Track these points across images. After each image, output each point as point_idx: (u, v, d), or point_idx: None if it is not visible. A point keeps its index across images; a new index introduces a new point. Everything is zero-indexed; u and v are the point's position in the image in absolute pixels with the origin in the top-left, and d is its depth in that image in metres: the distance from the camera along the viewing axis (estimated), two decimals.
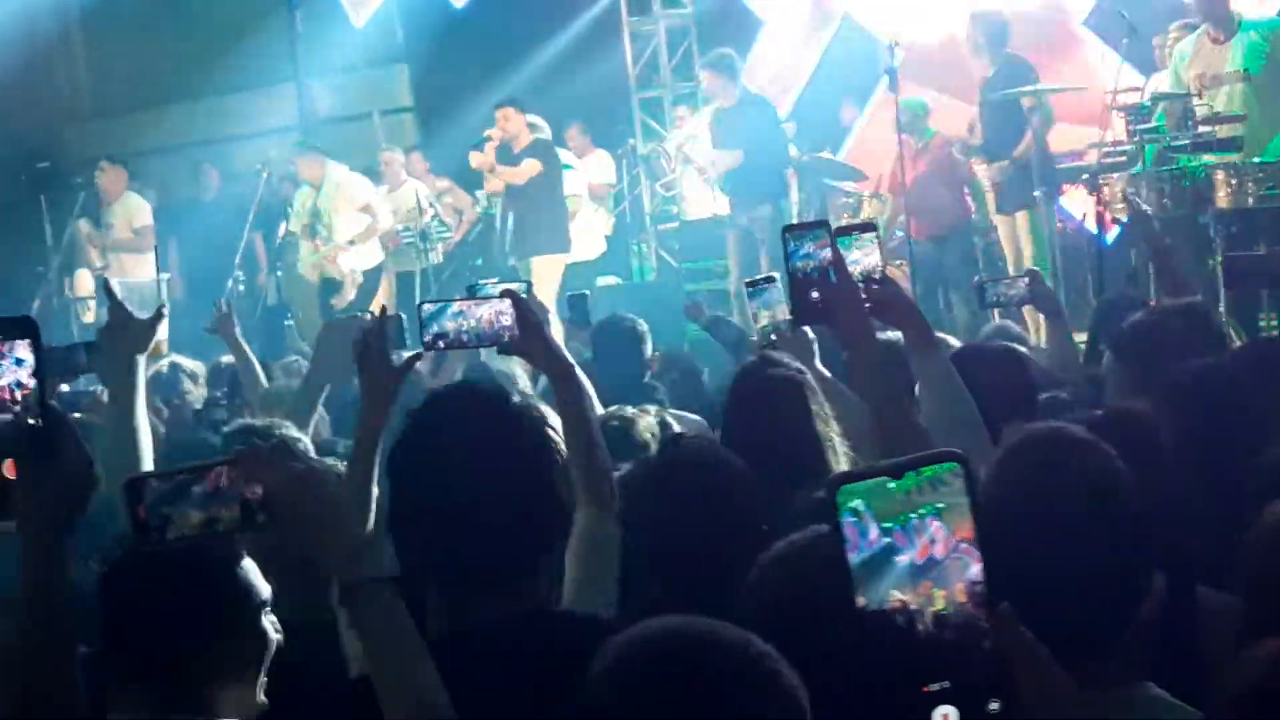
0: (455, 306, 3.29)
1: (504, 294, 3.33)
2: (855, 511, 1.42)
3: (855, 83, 13.90)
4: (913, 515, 1.43)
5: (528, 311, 3.27)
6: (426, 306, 3.32)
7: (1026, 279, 5.41)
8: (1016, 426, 3.14)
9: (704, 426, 4.93)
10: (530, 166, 11.45)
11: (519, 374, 5.97)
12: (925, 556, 1.42)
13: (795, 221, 6.84)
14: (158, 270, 12.60)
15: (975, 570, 1.43)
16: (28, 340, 2.18)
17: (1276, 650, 1.73)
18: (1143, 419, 3.02)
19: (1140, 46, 9.56)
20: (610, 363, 6.41)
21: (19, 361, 2.17)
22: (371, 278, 12.58)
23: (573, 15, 15.00)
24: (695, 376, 7.14)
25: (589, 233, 12.75)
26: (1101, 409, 3.52)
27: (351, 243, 12.33)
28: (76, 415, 5.21)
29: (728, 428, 4.01)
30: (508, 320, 3.25)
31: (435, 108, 16.63)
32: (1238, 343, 7.90)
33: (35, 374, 2.18)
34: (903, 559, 1.42)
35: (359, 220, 12.44)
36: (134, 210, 13.00)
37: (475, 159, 11.84)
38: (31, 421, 2.16)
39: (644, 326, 6.77)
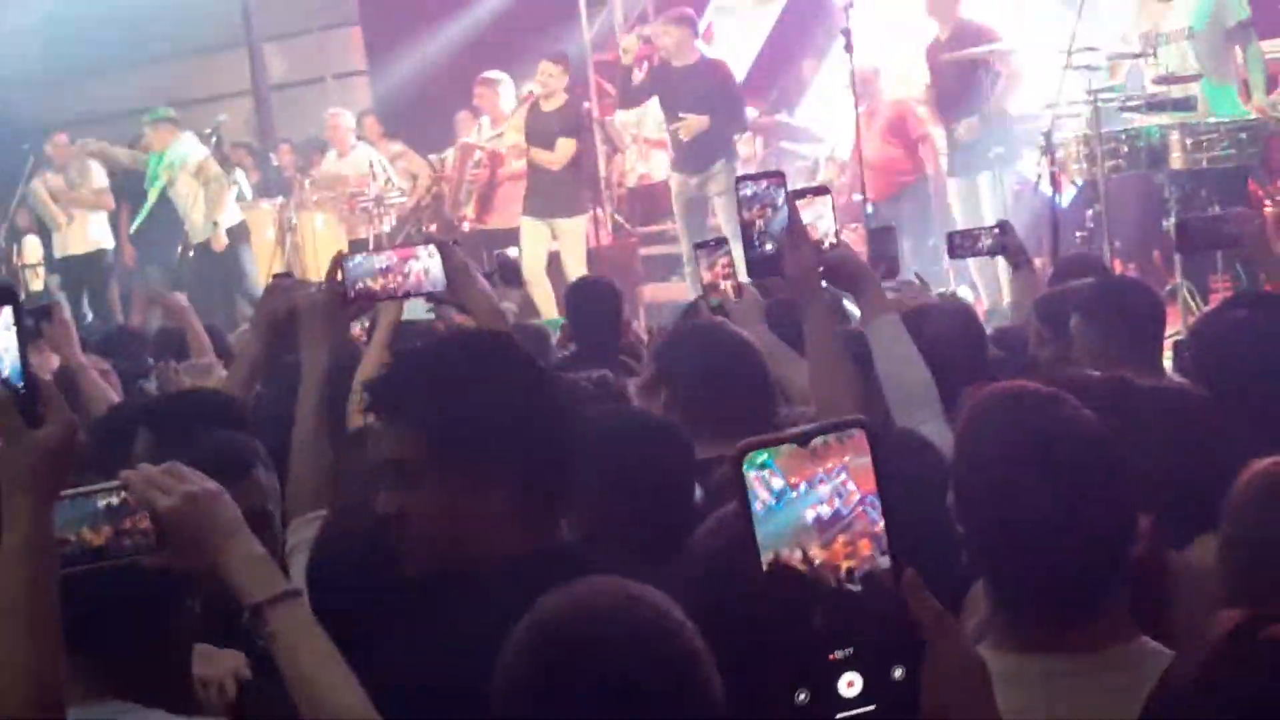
0: (381, 259, 3.22)
1: (429, 241, 3.28)
2: (763, 466, 1.43)
3: (813, 41, 13.82)
4: (820, 470, 1.44)
5: (457, 260, 3.22)
6: (351, 259, 3.24)
7: (997, 229, 5.37)
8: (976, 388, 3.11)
9: None
10: (566, 150, 11.16)
11: None
12: (832, 509, 1.43)
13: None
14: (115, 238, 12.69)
15: (879, 528, 1.44)
16: (8, 307, 2.14)
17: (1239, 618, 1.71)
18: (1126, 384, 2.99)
19: (1095, 6, 9.52)
20: (585, 327, 6.25)
21: None
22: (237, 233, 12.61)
23: None
24: None
25: None
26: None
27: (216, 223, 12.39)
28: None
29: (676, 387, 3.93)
30: (437, 270, 3.19)
31: (389, 71, 16.51)
32: (1191, 304, 7.97)
33: (16, 341, 2.14)
34: (809, 512, 1.43)
35: (194, 186, 12.42)
36: (92, 172, 12.95)
37: (503, 142, 11.64)
38: (14, 388, 2.11)
39: (620, 289, 6.62)
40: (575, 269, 10.95)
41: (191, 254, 12.71)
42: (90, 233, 12.93)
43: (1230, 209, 6.27)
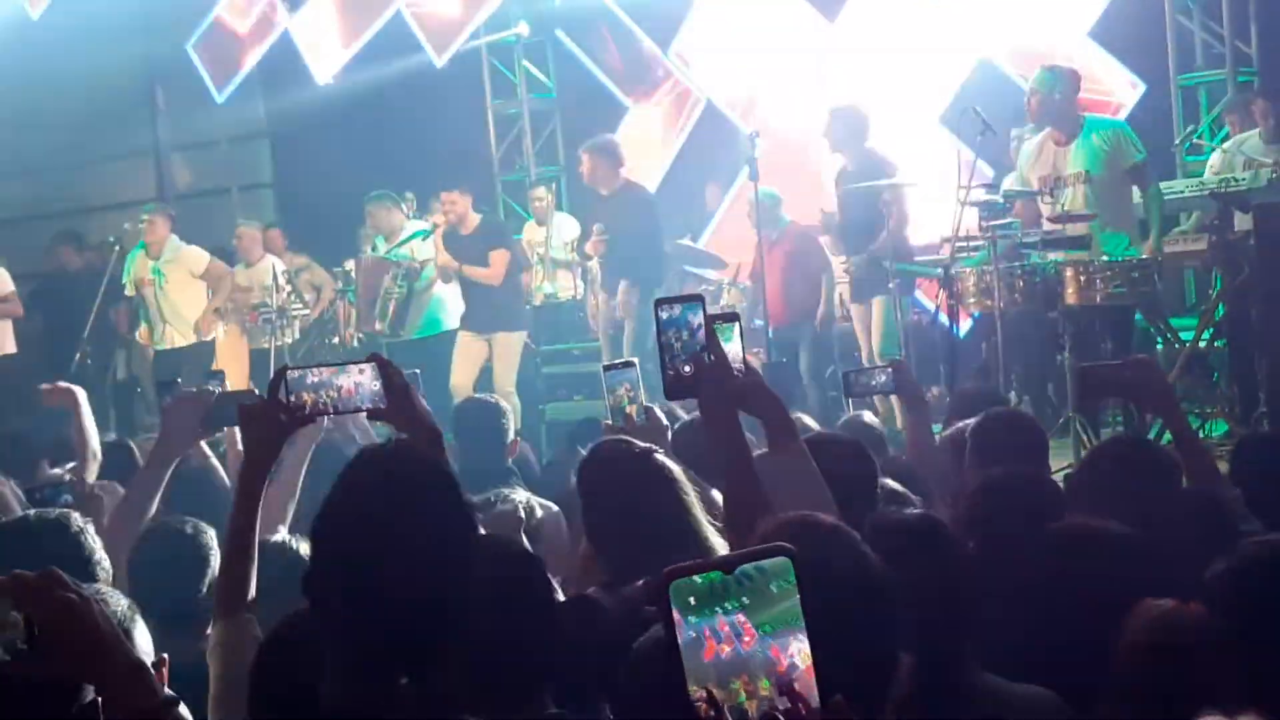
0: (314, 375, 3.24)
1: (371, 358, 3.30)
2: (689, 596, 1.44)
3: (719, 168, 14.03)
4: (717, 610, 1.44)
5: (395, 377, 3.24)
6: (291, 373, 3.25)
7: (891, 369, 5.45)
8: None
9: (559, 514, 4.84)
10: (500, 260, 11.30)
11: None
12: (730, 650, 1.43)
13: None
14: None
15: (787, 663, 1.44)
16: None
17: None
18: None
19: (995, 143, 9.77)
20: (472, 445, 6.35)
21: None
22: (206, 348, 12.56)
23: (436, 96, 15.01)
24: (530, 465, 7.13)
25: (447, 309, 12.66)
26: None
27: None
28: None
29: (587, 512, 3.96)
30: (375, 386, 3.22)
31: (295, 184, 16.54)
32: (1084, 438, 8.11)
33: None
34: (708, 654, 1.43)
35: (197, 289, 12.42)
36: None
37: (440, 259, 11.63)
38: None
39: (506, 408, 6.73)
40: (506, 381, 11.04)
41: (89, 361, 12.57)
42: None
43: (1130, 356, 6.39)
